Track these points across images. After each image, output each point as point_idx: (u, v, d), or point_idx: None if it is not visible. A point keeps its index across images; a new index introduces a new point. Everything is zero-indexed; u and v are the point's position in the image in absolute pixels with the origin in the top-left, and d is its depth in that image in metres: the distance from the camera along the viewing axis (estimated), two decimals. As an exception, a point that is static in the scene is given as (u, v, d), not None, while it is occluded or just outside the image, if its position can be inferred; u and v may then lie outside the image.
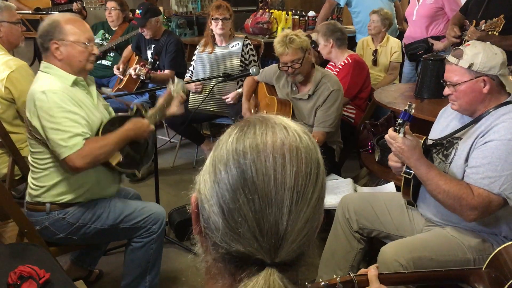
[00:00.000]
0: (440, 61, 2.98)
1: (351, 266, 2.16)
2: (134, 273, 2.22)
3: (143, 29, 3.86)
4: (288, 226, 0.64)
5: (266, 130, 0.68)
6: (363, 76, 3.44)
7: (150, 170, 3.77)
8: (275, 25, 4.92)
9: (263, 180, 0.64)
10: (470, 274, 1.55)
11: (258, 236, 0.64)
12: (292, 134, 0.68)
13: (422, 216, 2.03)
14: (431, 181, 1.78)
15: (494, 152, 1.71)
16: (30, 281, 1.63)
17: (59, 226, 2.05)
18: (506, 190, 1.69)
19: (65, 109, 1.92)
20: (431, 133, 2.10)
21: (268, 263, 0.64)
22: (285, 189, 0.64)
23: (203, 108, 3.58)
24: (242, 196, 0.64)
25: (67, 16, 2.05)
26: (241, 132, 0.69)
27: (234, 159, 0.66)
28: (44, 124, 1.91)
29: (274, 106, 2.91)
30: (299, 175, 0.65)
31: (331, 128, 2.82)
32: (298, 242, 0.65)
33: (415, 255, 1.79)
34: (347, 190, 2.60)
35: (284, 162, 0.65)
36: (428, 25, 3.92)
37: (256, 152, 0.66)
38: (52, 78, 1.99)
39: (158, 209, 2.23)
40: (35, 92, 1.93)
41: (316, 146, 0.71)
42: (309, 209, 0.66)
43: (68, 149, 1.90)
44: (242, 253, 0.65)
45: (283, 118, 0.72)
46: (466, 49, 1.79)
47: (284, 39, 2.71)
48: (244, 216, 0.64)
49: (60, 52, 2.00)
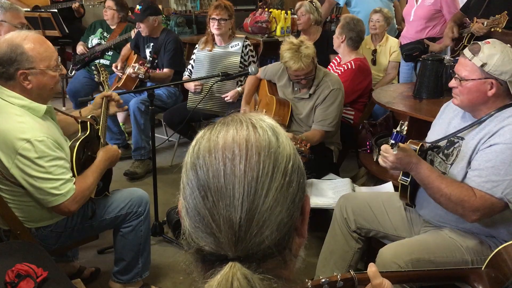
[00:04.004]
0: (438, 61, 2.98)
1: (349, 265, 2.15)
2: (127, 258, 2.29)
3: (139, 25, 3.84)
4: (242, 218, 0.64)
5: (222, 129, 0.71)
6: (364, 84, 3.38)
7: (148, 168, 3.78)
8: (274, 24, 4.92)
9: (213, 176, 0.66)
10: (470, 274, 1.54)
11: (216, 232, 0.65)
12: (246, 127, 0.70)
13: (420, 217, 2.03)
14: (432, 185, 1.77)
15: (498, 155, 1.69)
16: (27, 279, 1.63)
17: (49, 239, 2.05)
18: (509, 195, 1.68)
19: (53, 157, 1.82)
20: (432, 129, 2.09)
21: (231, 257, 0.65)
22: (235, 183, 0.65)
23: (201, 107, 3.57)
24: (197, 195, 0.67)
25: (30, 39, 1.83)
26: (203, 134, 0.73)
27: (191, 160, 0.70)
28: (30, 173, 1.80)
29: (273, 105, 2.91)
30: (248, 167, 0.66)
31: (330, 127, 2.80)
32: (261, 235, 0.65)
33: (413, 256, 1.78)
34: (345, 189, 2.60)
35: (233, 157, 0.67)
36: (425, 26, 3.92)
37: (208, 150, 0.69)
38: (23, 113, 1.83)
39: (139, 191, 2.28)
40: (15, 139, 1.77)
41: (279, 138, 0.71)
42: (268, 200, 0.66)
43: (62, 197, 1.85)
44: (208, 251, 0.67)
45: (260, 115, 0.74)
46: (484, 47, 1.75)
47: (296, 55, 2.63)
48: (201, 213, 0.67)
49: (29, 82, 1.83)
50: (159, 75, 3.85)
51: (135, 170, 3.77)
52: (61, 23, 4.47)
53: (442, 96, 3.00)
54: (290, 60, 2.66)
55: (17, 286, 1.61)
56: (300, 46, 2.65)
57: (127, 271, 2.32)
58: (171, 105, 3.96)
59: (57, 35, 4.50)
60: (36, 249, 1.87)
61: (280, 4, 5.84)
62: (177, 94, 4.08)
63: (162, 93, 3.91)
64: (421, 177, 1.79)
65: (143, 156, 3.83)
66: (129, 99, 3.82)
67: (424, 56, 3.06)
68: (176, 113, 3.72)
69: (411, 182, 1.88)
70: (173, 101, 4.01)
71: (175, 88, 4.05)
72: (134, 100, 3.76)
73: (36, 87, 1.86)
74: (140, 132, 3.77)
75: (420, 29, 3.93)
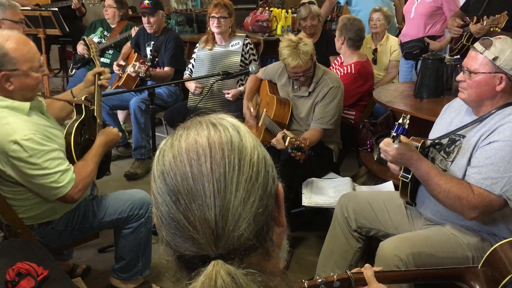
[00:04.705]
0: (439, 60, 2.98)
1: (350, 265, 2.15)
2: (127, 257, 2.29)
3: (150, 20, 3.84)
4: (217, 215, 0.65)
5: (183, 133, 0.71)
6: (364, 88, 3.34)
7: (148, 168, 3.76)
8: (274, 23, 4.91)
9: (182, 180, 0.67)
10: (466, 273, 1.55)
11: (193, 234, 0.66)
12: (206, 127, 0.71)
13: (421, 215, 2.03)
14: (431, 181, 1.77)
15: (498, 152, 1.70)
16: (28, 278, 1.63)
17: (50, 236, 2.05)
18: (508, 192, 1.68)
19: (44, 151, 1.80)
20: (434, 128, 2.09)
21: (212, 256, 0.65)
22: (204, 182, 0.66)
23: (202, 106, 3.57)
24: (169, 201, 0.67)
25: (12, 39, 1.78)
26: (166, 141, 0.73)
27: (157, 169, 0.71)
28: (26, 172, 1.79)
29: (273, 104, 2.91)
30: (214, 165, 0.67)
31: (329, 125, 2.80)
32: (239, 229, 0.65)
33: (415, 250, 1.78)
34: (346, 189, 2.60)
35: (197, 157, 0.67)
36: (425, 24, 3.91)
37: (172, 155, 0.69)
38: (6, 115, 1.79)
39: (140, 193, 2.27)
40: (3, 142, 1.75)
41: (240, 132, 0.71)
42: (239, 193, 0.66)
43: (63, 188, 1.86)
44: (188, 254, 0.67)
45: (214, 115, 0.74)
46: (496, 42, 1.76)
47: (294, 52, 2.63)
48: (176, 218, 0.67)
49: (11, 83, 1.79)
50: (160, 74, 3.85)
51: (136, 171, 3.77)
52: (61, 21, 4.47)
53: (443, 95, 2.99)
54: (289, 57, 2.66)
55: (17, 284, 1.61)
56: (299, 43, 2.65)
57: (127, 269, 2.33)
58: (172, 104, 3.95)
59: (58, 33, 4.50)
60: (37, 247, 1.87)
61: (281, 3, 5.84)
62: (178, 93, 4.08)
63: (162, 92, 3.91)
64: (421, 173, 1.79)
65: (144, 155, 3.83)
66: (129, 98, 3.83)
67: (425, 55, 3.06)
68: (177, 112, 3.72)
69: (412, 179, 1.88)
70: (174, 100, 4.00)
71: (175, 87, 4.05)
72: (135, 99, 3.76)
73: (19, 88, 1.82)
74: (141, 131, 3.77)
75: (420, 26, 3.91)
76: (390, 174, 2.66)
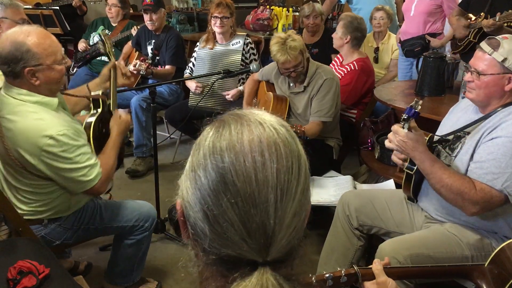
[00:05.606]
0: (440, 58, 2.97)
1: (351, 263, 2.16)
2: (122, 265, 2.28)
3: (152, 16, 3.85)
4: (275, 224, 0.63)
5: (241, 129, 0.66)
6: (367, 85, 3.35)
7: (150, 166, 3.78)
8: (275, 21, 4.91)
9: (244, 182, 0.63)
10: (473, 270, 1.54)
11: (246, 239, 0.63)
12: (269, 129, 0.67)
13: (423, 212, 2.03)
14: (434, 175, 1.78)
15: (500, 148, 1.71)
16: (29, 276, 1.64)
17: (55, 233, 2.06)
18: (509, 187, 1.69)
19: (77, 146, 1.86)
20: (440, 128, 2.09)
21: (261, 262, 0.64)
22: (268, 188, 0.63)
23: (203, 105, 3.57)
24: (225, 201, 0.63)
25: (33, 35, 1.78)
26: (217, 133, 0.67)
27: (212, 163, 0.65)
28: (58, 166, 1.84)
29: (270, 102, 2.93)
30: (280, 172, 0.64)
31: (326, 118, 2.81)
32: (287, 238, 0.65)
33: (413, 252, 1.79)
34: (347, 187, 2.60)
35: (263, 160, 0.64)
36: (426, 22, 3.89)
37: (234, 153, 0.64)
38: (38, 110, 1.83)
39: (148, 206, 2.27)
40: (37, 137, 1.78)
41: (295, 137, 0.70)
42: (295, 203, 0.65)
43: (91, 182, 1.91)
44: (233, 256, 0.64)
45: (258, 112, 0.71)
46: (504, 42, 1.75)
47: (283, 47, 2.68)
48: (230, 220, 0.63)
49: (37, 78, 1.81)
50: (161, 72, 3.85)
51: (137, 168, 3.77)
52: (62, 20, 4.47)
53: (444, 94, 2.99)
54: (278, 53, 2.71)
55: (19, 282, 1.62)
56: (287, 39, 2.69)
57: (118, 276, 2.31)
58: (173, 102, 3.96)
59: (59, 32, 4.49)
60: (38, 246, 1.87)
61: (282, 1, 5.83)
62: (179, 91, 4.09)
63: (163, 91, 3.91)
64: (425, 166, 1.80)
65: (145, 154, 3.83)
66: (130, 97, 3.83)
67: (426, 54, 3.05)
68: (178, 110, 3.72)
69: (417, 171, 1.87)
70: (175, 99, 4.01)
71: (176, 85, 4.06)
72: (136, 98, 3.76)
73: (44, 82, 1.84)
74: (142, 129, 3.78)
75: (420, 24, 3.90)
76: (391, 172, 2.67)
